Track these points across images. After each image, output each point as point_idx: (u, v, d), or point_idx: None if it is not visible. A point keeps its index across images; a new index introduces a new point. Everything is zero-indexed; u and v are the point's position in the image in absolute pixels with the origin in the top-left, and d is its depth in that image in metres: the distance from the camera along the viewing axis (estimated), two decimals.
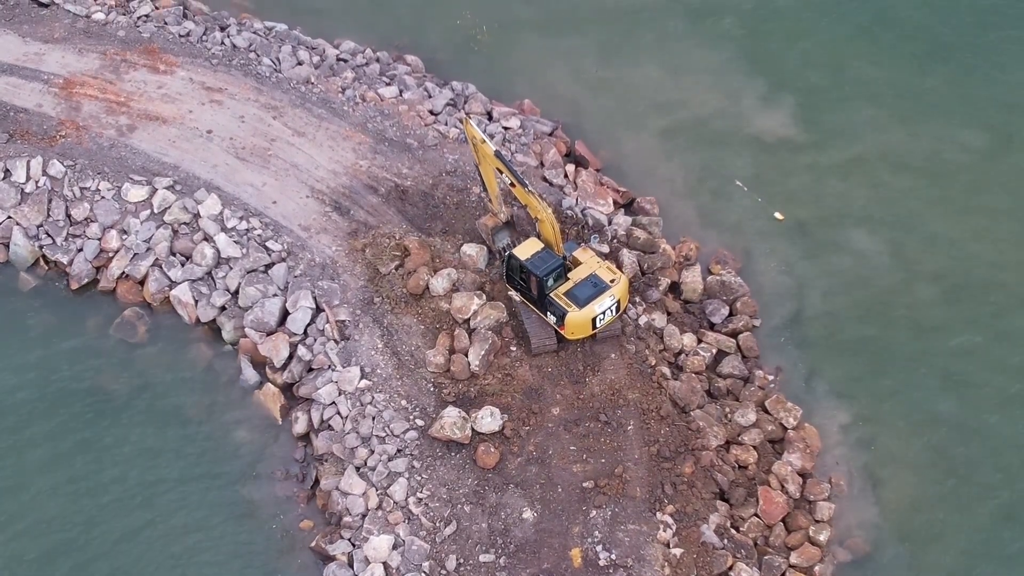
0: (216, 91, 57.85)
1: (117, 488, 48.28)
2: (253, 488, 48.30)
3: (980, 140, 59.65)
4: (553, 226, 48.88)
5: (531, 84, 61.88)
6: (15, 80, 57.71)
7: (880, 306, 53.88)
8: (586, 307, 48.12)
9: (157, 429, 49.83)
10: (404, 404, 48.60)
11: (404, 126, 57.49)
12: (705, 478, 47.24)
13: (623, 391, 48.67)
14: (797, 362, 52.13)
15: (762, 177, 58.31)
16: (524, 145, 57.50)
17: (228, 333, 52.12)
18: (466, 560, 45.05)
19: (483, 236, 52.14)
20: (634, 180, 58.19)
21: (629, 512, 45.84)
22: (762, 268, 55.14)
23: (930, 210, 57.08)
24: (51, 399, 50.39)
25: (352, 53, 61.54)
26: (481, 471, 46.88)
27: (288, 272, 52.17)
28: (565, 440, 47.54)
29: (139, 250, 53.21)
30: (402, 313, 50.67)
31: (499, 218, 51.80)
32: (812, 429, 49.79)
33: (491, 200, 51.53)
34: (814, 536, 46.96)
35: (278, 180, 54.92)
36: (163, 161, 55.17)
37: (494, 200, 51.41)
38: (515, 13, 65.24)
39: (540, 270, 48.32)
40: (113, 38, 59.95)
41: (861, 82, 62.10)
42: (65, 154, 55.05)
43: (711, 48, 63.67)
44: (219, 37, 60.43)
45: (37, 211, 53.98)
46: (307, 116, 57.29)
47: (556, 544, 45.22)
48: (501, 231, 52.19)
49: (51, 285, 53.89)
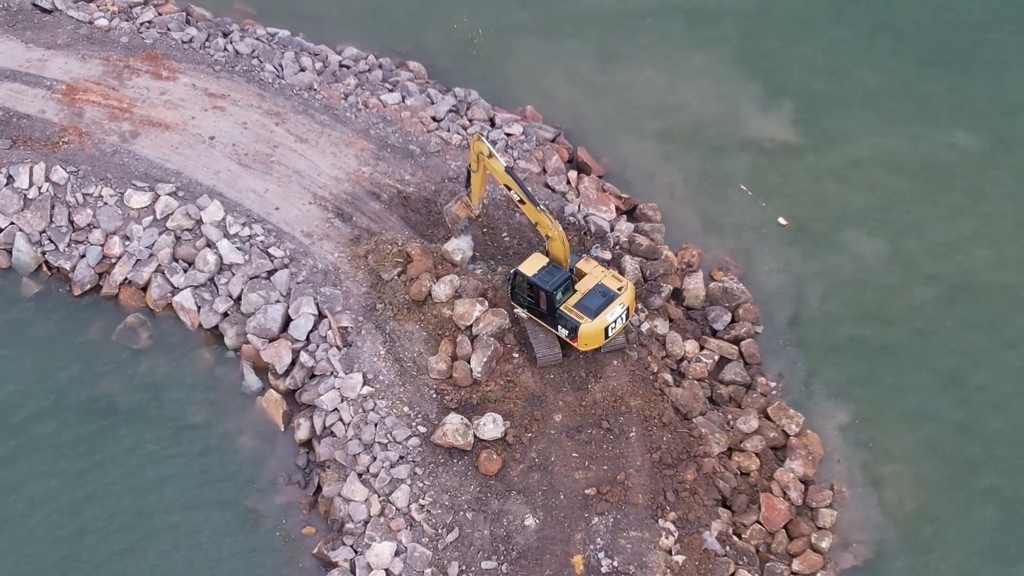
0: (219, 97, 57.90)
1: (118, 494, 48.27)
2: (255, 495, 48.32)
3: (978, 143, 59.74)
4: (564, 243, 48.78)
5: (532, 90, 61.86)
6: (18, 86, 57.73)
7: (880, 308, 53.97)
8: (598, 317, 48.12)
9: (159, 435, 49.85)
10: (406, 411, 48.61)
11: (407, 132, 57.54)
12: (707, 485, 47.24)
13: (625, 398, 48.68)
14: (799, 368, 52.19)
15: (763, 181, 58.37)
16: (526, 152, 57.54)
17: (230, 339, 52.15)
18: (468, 567, 45.03)
19: (447, 221, 51.92)
20: (636, 186, 58.24)
21: (631, 519, 45.85)
22: (764, 274, 55.16)
23: (929, 213, 57.17)
24: (53, 405, 50.39)
25: (355, 59, 61.61)
26: (483, 478, 46.88)
27: (291, 278, 52.19)
28: (567, 447, 47.55)
29: (142, 256, 53.25)
30: (404, 320, 50.69)
31: (472, 212, 51.54)
32: (814, 436, 49.82)
33: (471, 196, 50.94)
34: (816, 543, 46.98)
35: (280, 186, 54.95)
36: (166, 167, 55.20)
37: (474, 199, 50.98)
38: (512, 17, 65.24)
39: (549, 285, 48.28)
40: (116, 44, 59.99)
41: (860, 86, 62.17)
42: (68, 160, 55.09)
43: (710, 52, 63.69)
44: (222, 43, 60.47)
45: (40, 217, 54.02)
46: (310, 122, 57.34)
47: (558, 551, 45.23)
48: (466, 226, 52.22)
49: (54, 291, 53.87)
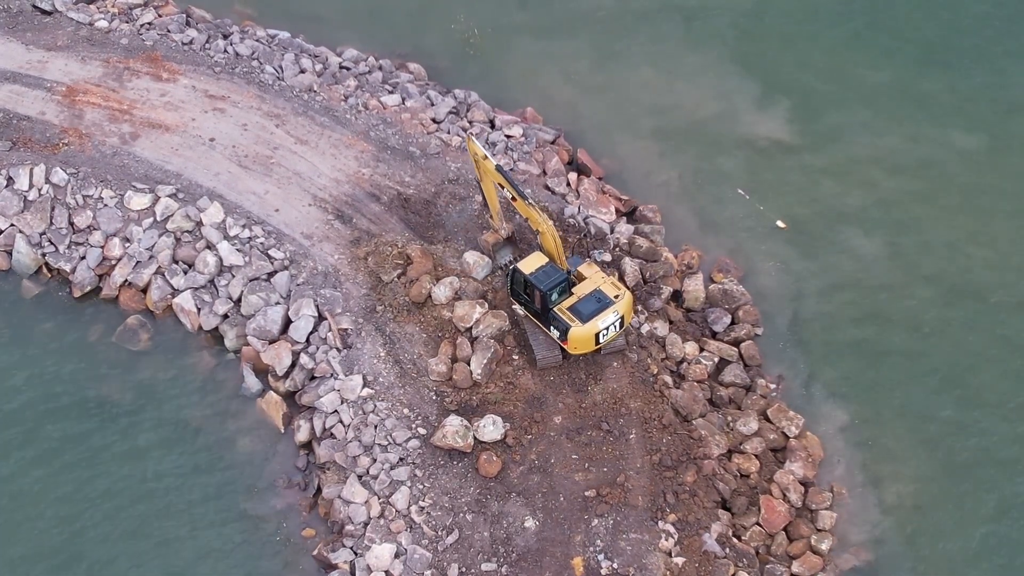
0: (219, 99, 57.92)
1: (118, 496, 48.25)
2: (255, 497, 48.31)
3: (976, 143, 59.83)
4: (554, 238, 48.87)
5: (531, 90, 61.91)
6: (18, 88, 57.77)
7: (879, 309, 54.03)
8: (589, 322, 47.99)
9: (159, 437, 49.84)
10: (406, 412, 48.63)
11: (407, 134, 57.56)
12: (707, 487, 47.25)
13: (625, 400, 48.70)
14: (799, 370, 52.22)
15: (762, 182, 58.44)
16: (527, 153, 57.56)
17: (231, 341, 52.17)
18: (468, 569, 45.04)
19: (485, 253, 52.21)
20: (636, 188, 58.27)
21: (631, 521, 45.86)
22: (764, 276, 55.19)
23: (927, 213, 57.26)
24: (53, 407, 50.37)
25: (355, 61, 61.66)
26: (483, 480, 46.90)
27: (290, 280, 52.21)
28: (567, 449, 47.56)
29: (142, 258, 53.27)
30: (404, 321, 50.70)
31: (500, 234, 51.89)
32: (814, 438, 49.85)
33: (492, 216, 51.65)
34: (816, 545, 46.99)
35: (281, 188, 54.97)
36: (166, 169, 55.23)
37: (495, 216, 51.50)
38: (510, 18, 65.32)
39: (544, 284, 48.27)
40: (116, 46, 60.02)
41: (857, 85, 62.25)
42: (68, 162, 55.11)
43: (709, 51, 63.82)
44: (222, 45, 60.52)
45: (40, 219, 54.04)
46: (310, 124, 57.36)
47: (558, 553, 45.24)
48: (503, 247, 52.24)
49: (54, 293, 53.89)
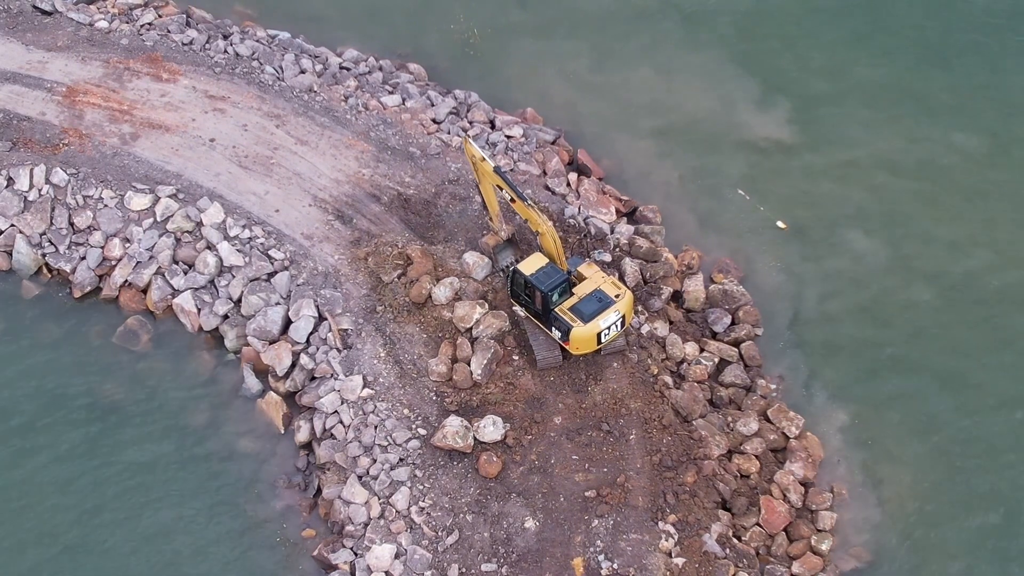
0: (219, 99, 57.92)
1: (118, 497, 48.26)
2: (255, 497, 48.32)
3: (976, 143, 59.79)
4: (554, 239, 48.85)
5: (531, 90, 61.85)
6: (18, 88, 57.75)
7: (880, 309, 54.03)
8: (591, 322, 47.94)
9: (159, 437, 49.85)
10: (406, 413, 48.63)
11: (407, 135, 57.56)
12: (707, 487, 47.24)
13: (625, 400, 48.69)
14: (799, 370, 52.19)
15: (762, 182, 58.41)
16: (527, 154, 57.55)
17: (231, 342, 52.18)
18: (468, 569, 45.03)
19: (487, 256, 52.19)
20: (636, 188, 58.24)
21: (631, 521, 45.85)
22: (764, 276, 55.17)
23: (927, 213, 57.23)
24: (53, 407, 50.38)
25: (355, 61, 61.64)
26: (483, 480, 46.89)
27: (291, 281, 52.21)
28: (567, 449, 47.56)
29: (142, 258, 53.26)
30: (404, 322, 50.70)
31: (500, 236, 51.87)
32: (814, 438, 49.83)
33: (492, 219, 51.63)
34: (816, 545, 46.99)
35: (281, 189, 54.98)
36: (166, 169, 55.22)
37: (494, 219, 51.49)
38: (509, 18, 65.23)
39: (545, 285, 48.23)
40: (116, 46, 60.01)
41: (858, 85, 62.22)
42: (68, 162, 55.12)
43: (709, 51, 63.76)
44: (222, 45, 60.51)
45: (40, 219, 54.05)
46: (310, 125, 57.36)
47: (558, 553, 45.22)
48: (504, 249, 52.21)
49: (54, 293, 53.88)
